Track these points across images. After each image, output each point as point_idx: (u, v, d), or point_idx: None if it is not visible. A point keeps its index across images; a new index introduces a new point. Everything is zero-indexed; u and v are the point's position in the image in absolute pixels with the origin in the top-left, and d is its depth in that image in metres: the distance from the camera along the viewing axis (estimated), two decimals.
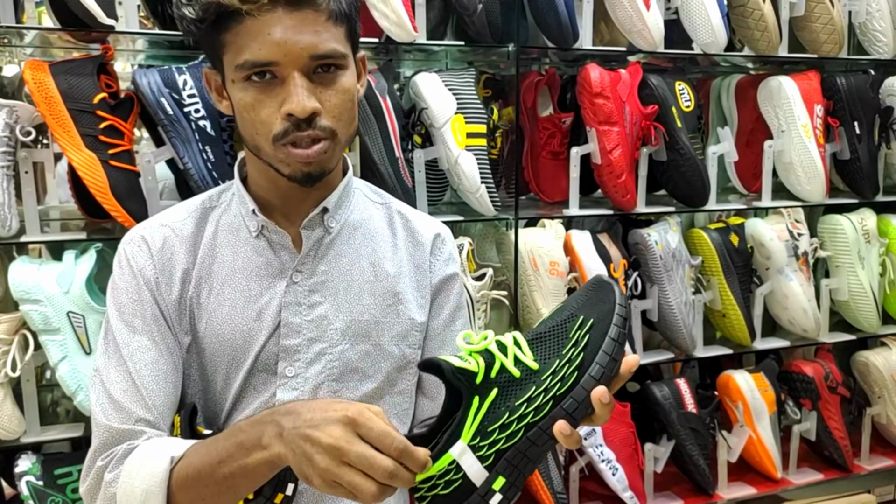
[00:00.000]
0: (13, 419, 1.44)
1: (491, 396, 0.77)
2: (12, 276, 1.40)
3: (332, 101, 0.93)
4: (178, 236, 1.03)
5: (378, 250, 1.06)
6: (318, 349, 1.01)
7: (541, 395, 0.77)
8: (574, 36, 1.76)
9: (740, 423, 1.99)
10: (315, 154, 0.93)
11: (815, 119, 2.00)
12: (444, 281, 1.11)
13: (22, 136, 1.42)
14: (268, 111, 0.91)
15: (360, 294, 1.03)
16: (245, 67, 0.91)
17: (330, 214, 1.03)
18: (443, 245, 1.11)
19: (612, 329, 0.78)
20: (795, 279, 2.00)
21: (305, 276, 1.01)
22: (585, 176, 1.86)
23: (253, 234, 1.02)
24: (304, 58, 0.90)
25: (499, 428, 0.77)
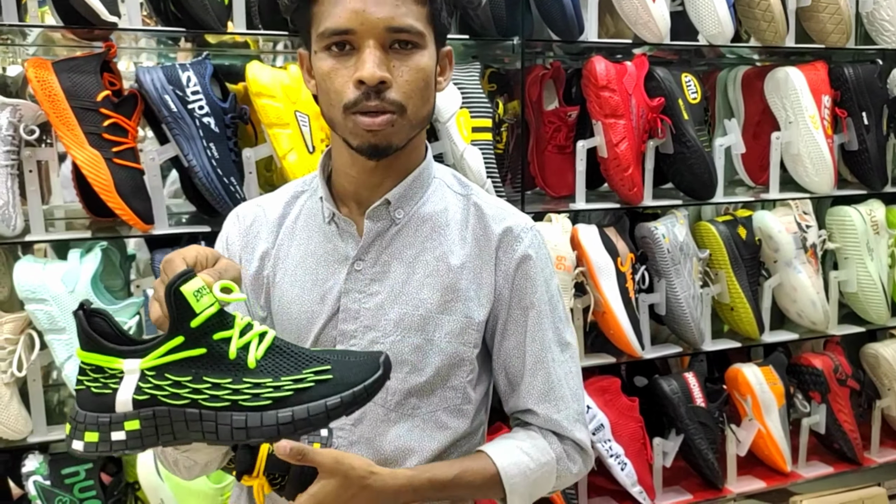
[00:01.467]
0: (20, 419, 1.44)
1: (195, 352, 0.73)
2: (17, 276, 1.40)
3: (403, 77, 0.94)
4: (267, 217, 1.09)
5: (445, 244, 1.05)
6: (371, 337, 1.02)
7: (227, 391, 0.73)
8: (579, 28, 1.74)
9: (749, 416, 1.98)
10: (381, 124, 0.94)
11: (822, 110, 1.98)
12: (512, 278, 1.06)
13: (26, 134, 1.42)
14: (342, 80, 0.94)
15: (420, 288, 1.03)
16: (325, 36, 0.93)
17: (395, 206, 1.04)
18: (515, 241, 1.06)
19: (334, 399, 0.75)
20: (804, 271, 1.99)
21: (367, 264, 1.03)
22: (591, 170, 1.84)
23: (326, 221, 1.06)
24: (380, 28, 0.92)
25: (174, 383, 0.72)
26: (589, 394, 1.85)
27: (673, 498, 1.93)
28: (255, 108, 1.55)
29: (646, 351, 1.87)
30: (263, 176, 1.73)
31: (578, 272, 1.78)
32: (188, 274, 0.73)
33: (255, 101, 1.53)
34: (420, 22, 0.94)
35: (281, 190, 1.14)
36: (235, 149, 1.55)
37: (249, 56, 1.81)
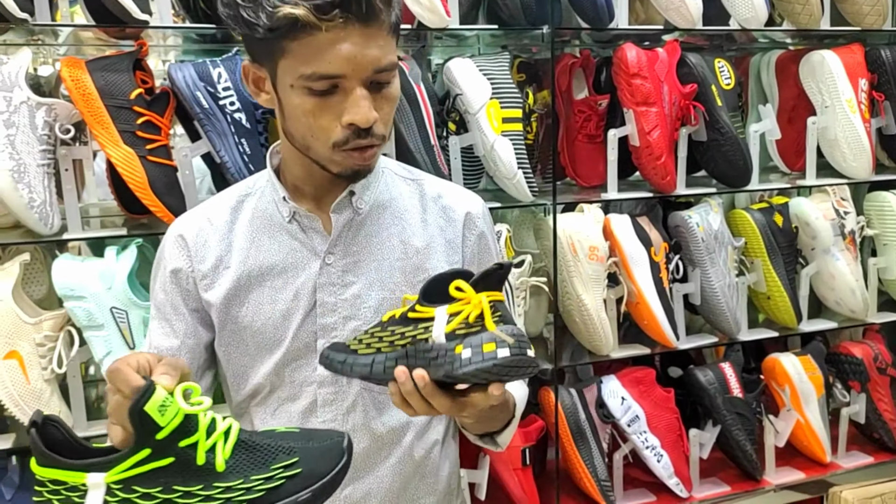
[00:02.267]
0: (60, 415, 1.46)
1: (162, 462, 0.72)
2: (56, 274, 1.41)
3: (384, 110, 0.97)
4: (214, 225, 1.09)
5: (407, 228, 1.09)
6: (353, 326, 1.06)
7: (199, 498, 0.72)
8: (610, 15, 1.72)
9: (787, 406, 1.95)
10: (369, 157, 0.99)
11: (859, 93, 1.94)
12: (477, 254, 1.13)
13: (61, 133, 1.43)
14: (327, 119, 0.95)
15: (392, 272, 1.07)
16: (312, 78, 0.93)
17: (357, 196, 1.07)
18: (476, 219, 1.14)
19: (305, 494, 0.75)
20: (842, 258, 1.95)
21: (338, 257, 1.06)
22: (623, 158, 1.82)
23: (286, 220, 1.07)
24: (369, 71, 0.94)
25: (143, 495, 0.71)
26: (623, 385, 1.84)
27: (710, 489, 1.91)
28: None
29: (680, 341, 1.85)
30: None
31: (611, 262, 1.77)
32: (149, 389, 0.71)
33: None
34: (394, 54, 0.97)
35: (218, 197, 1.13)
36: (267, 144, 1.55)
37: None
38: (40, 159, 1.40)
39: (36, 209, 1.39)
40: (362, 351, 0.89)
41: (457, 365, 0.81)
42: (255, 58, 1.00)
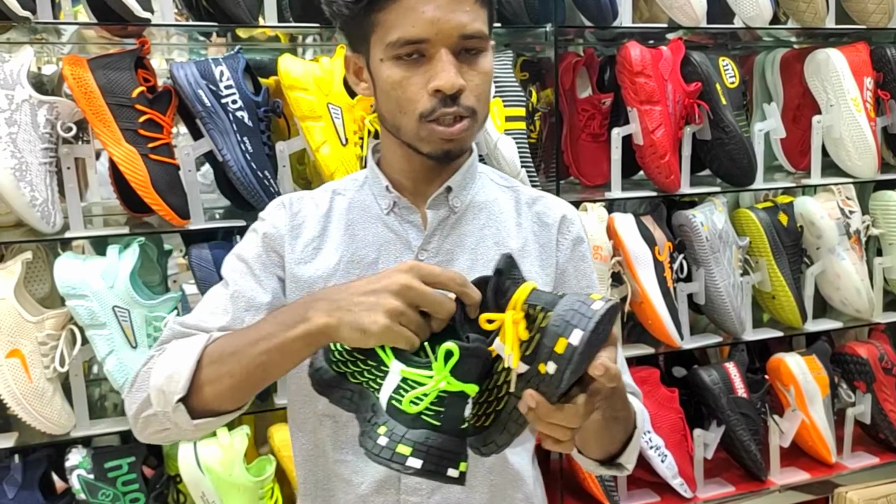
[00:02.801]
0: (63, 414, 1.46)
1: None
2: (58, 272, 1.41)
3: (474, 81, 0.95)
4: (315, 205, 1.08)
5: (502, 230, 1.07)
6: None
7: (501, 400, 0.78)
8: (613, 14, 1.72)
9: (792, 407, 1.94)
10: (457, 132, 0.95)
11: (864, 92, 1.93)
12: (571, 260, 1.10)
13: (63, 132, 1.43)
14: (415, 88, 0.94)
15: (484, 272, 1.01)
16: (397, 45, 0.93)
17: (454, 194, 1.05)
18: (571, 225, 1.11)
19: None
20: (847, 258, 1.94)
21: (431, 254, 1.04)
22: (627, 157, 1.82)
23: (384, 212, 1.05)
24: (454, 36, 0.92)
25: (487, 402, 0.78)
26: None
27: (715, 490, 1.90)
28: (287, 101, 1.54)
29: (685, 341, 1.84)
30: (296, 169, 1.73)
31: (615, 262, 1.76)
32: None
33: (287, 95, 1.53)
34: (485, 25, 0.96)
35: (319, 189, 1.13)
36: (269, 142, 1.55)
37: (281, 50, 1.81)
38: (42, 158, 1.40)
39: (38, 208, 1.39)
40: (487, 423, 0.81)
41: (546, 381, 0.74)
42: (353, 45, 1.01)
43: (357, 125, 1.57)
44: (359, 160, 1.58)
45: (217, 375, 0.90)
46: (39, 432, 1.45)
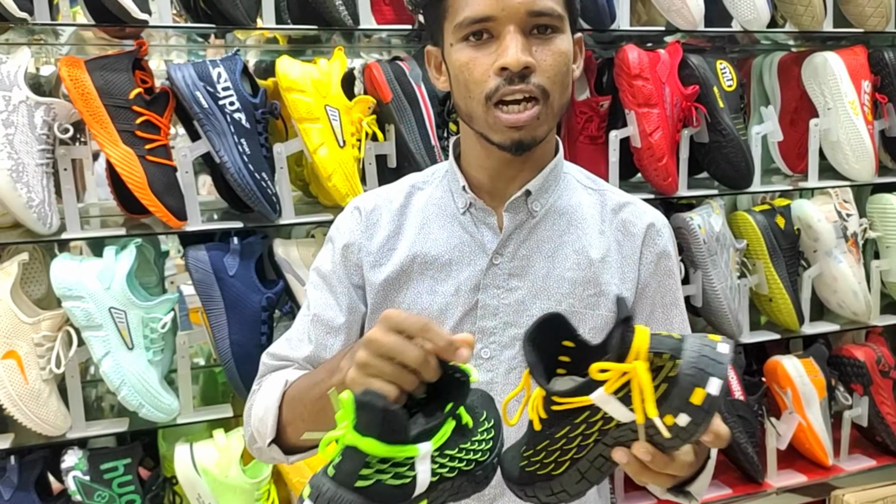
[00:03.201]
0: (59, 415, 1.46)
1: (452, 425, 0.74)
2: (54, 273, 1.41)
3: (547, 61, 0.91)
4: (390, 204, 1.06)
5: (584, 238, 1.02)
6: (512, 334, 1.00)
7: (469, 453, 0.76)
8: (611, 16, 1.72)
9: (789, 409, 1.94)
10: (526, 119, 0.92)
11: (862, 95, 1.93)
12: (655, 274, 1.05)
13: (60, 133, 1.43)
14: (481, 69, 0.91)
15: (561, 282, 1.00)
16: (463, 25, 0.91)
17: (534, 198, 1.01)
18: (657, 236, 1.05)
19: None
20: (844, 261, 1.94)
21: (506, 258, 1.00)
22: (624, 160, 1.82)
23: (460, 211, 1.02)
24: (521, 13, 0.90)
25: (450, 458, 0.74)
26: None
27: (712, 492, 1.90)
28: (285, 102, 1.54)
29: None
30: (294, 171, 1.73)
31: None
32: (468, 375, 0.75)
33: (285, 96, 1.53)
34: (559, 5, 0.92)
35: (398, 182, 1.11)
36: (266, 144, 1.55)
37: (279, 51, 1.81)
38: (39, 159, 1.40)
39: (34, 209, 1.39)
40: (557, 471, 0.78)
41: (681, 435, 0.70)
42: (432, 37, 1.00)
43: (355, 127, 1.57)
44: (357, 162, 1.58)
45: (293, 418, 0.93)
46: (35, 433, 1.45)
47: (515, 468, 0.80)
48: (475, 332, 1.00)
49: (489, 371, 1.00)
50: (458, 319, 1.00)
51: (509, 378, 0.99)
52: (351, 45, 1.73)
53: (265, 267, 1.63)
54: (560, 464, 0.77)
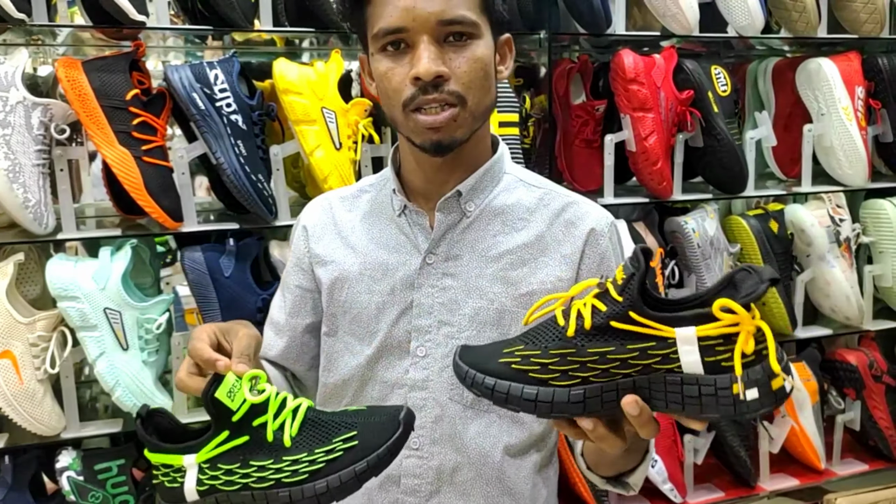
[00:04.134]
0: (53, 415, 1.46)
1: (240, 440, 0.79)
2: (50, 274, 1.41)
3: (462, 68, 0.93)
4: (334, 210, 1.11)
5: (519, 237, 1.03)
6: (446, 332, 1.02)
7: (271, 471, 0.78)
8: (607, 21, 1.73)
9: (782, 413, 1.95)
10: (442, 120, 0.93)
11: (856, 101, 1.94)
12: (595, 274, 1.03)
13: (57, 134, 1.43)
14: (398, 78, 0.94)
15: (493, 281, 1.01)
16: (379, 36, 0.94)
17: (466, 198, 1.03)
18: (600, 237, 1.05)
19: (361, 465, 0.78)
20: (837, 266, 1.95)
21: (440, 258, 1.02)
22: (620, 164, 1.83)
23: (396, 213, 1.06)
24: (433, 23, 0.91)
25: (226, 471, 0.79)
26: None
27: (704, 496, 1.91)
28: (282, 104, 1.55)
29: None
30: (291, 173, 1.74)
31: None
32: (218, 379, 0.80)
33: (281, 98, 1.54)
34: (472, 12, 0.93)
35: (351, 185, 1.16)
36: (263, 146, 1.56)
37: (276, 53, 1.81)
38: (35, 159, 1.40)
39: (31, 209, 1.39)
40: (558, 382, 0.74)
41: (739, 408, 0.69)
42: (362, 45, 1.02)
43: (351, 129, 1.57)
44: (353, 164, 1.58)
45: None
46: (30, 433, 1.45)
47: (493, 362, 0.77)
48: (411, 331, 1.02)
49: (424, 369, 1.02)
50: (395, 318, 1.03)
51: (443, 376, 1.01)
52: (348, 48, 1.74)
53: (261, 268, 1.63)
54: (569, 376, 0.74)
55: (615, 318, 0.72)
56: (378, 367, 1.04)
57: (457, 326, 1.01)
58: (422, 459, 1.02)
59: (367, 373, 1.05)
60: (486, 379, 0.77)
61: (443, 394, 1.02)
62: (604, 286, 0.75)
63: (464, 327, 1.01)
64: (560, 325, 0.75)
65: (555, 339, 0.75)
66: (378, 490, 1.03)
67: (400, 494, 1.02)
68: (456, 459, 1.02)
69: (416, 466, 1.02)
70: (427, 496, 1.02)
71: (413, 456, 1.02)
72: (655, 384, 0.72)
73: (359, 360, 1.05)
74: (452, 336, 1.01)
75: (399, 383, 1.03)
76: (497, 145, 1.08)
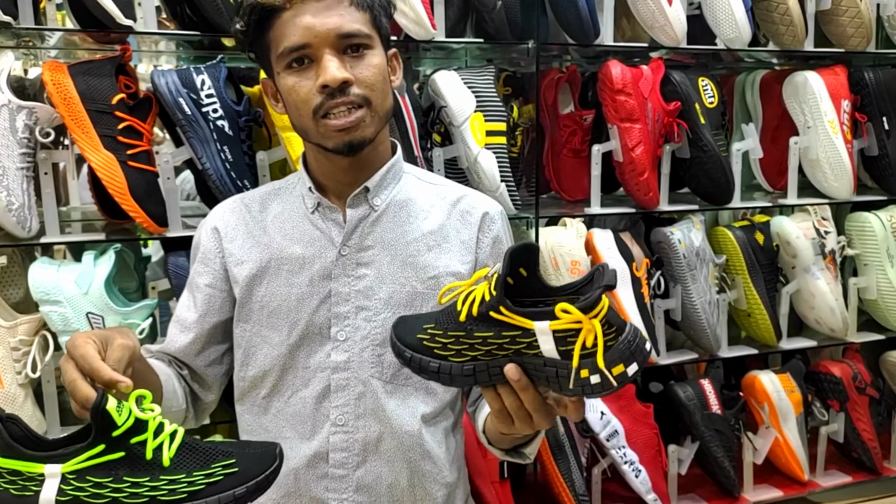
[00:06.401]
0: (34, 420, 1.45)
1: (114, 455, 0.80)
2: (32, 277, 1.41)
3: (363, 73, 1.05)
4: (247, 209, 1.19)
5: (422, 226, 1.15)
6: (363, 316, 1.12)
7: (146, 489, 0.80)
8: (595, 32, 1.73)
9: (766, 424, 1.95)
10: (353, 121, 1.04)
11: (842, 114, 1.96)
12: (490, 257, 1.18)
13: (41, 137, 1.43)
14: (305, 90, 1.04)
15: (403, 267, 1.13)
16: (284, 55, 1.04)
17: (373, 193, 1.13)
18: (492, 223, 1.18)
19: (241, 489, 0.83)
20: (822, 278, 1.96)
21: (353, 249, 1.12)
22: (607, 174, 1.83)
23: (310, 210, 1.15)
24: (332, 37, 1.02)
25: (95, 484, 0.79)
26: (603, 400, 1.84)
27: None
28: (268, 110, 1.55)
29: (661, 357, 1.86)
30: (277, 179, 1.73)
31: None
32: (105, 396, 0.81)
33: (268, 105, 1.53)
34: (365, 26, 1.05)
35: (260, 187, 1.25)
36: (249, 152, 1.56)
37: None
38: (20, 162, 1.40)
39: (14, 212, 1.39)
40: (454, 358, 0.90)
41: (585, 388, 0.84)
42: (265, 70, 1.12)
43: None
44: None
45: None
46: None
47: (413, 336, 0.91)
48: (331, 318, 1.12)
49: (345, 351, 1.12)
50: (315, 307, 1.12)
51: (363, 356, 1.12)
52: None
53: None
54: (462, 354, 0.89)
55: (492, 309, 0.87)
56: (300, 354, 1.13)
57: (373, 310, 1.11)
58: (347, 434, 1.12)
59: (289, 361, 1.13)
60: (404, 351, 0.91)
61: (364, 372, 1.12)
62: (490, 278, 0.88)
63: (380, 310, 1.11)
64: (457, 309, 0.90)
65: (452, 322, 0.90)
66: (306, 468, 1.12)
67: (329, 468, 1.12)
68: (379, 431, 1.13)
69: (342, 441, 1.12)
70: (354, 467, 1.12)
71: (339, 432, 1.11)
72: (528, 364, 0.87)
73: (279, 350, 1.13)
74: (370, 319, 1.11)
75: (321, 367, 1.12)
76: (395, 149, 1.19)
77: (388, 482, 1.14)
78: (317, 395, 1.12)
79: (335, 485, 1.12)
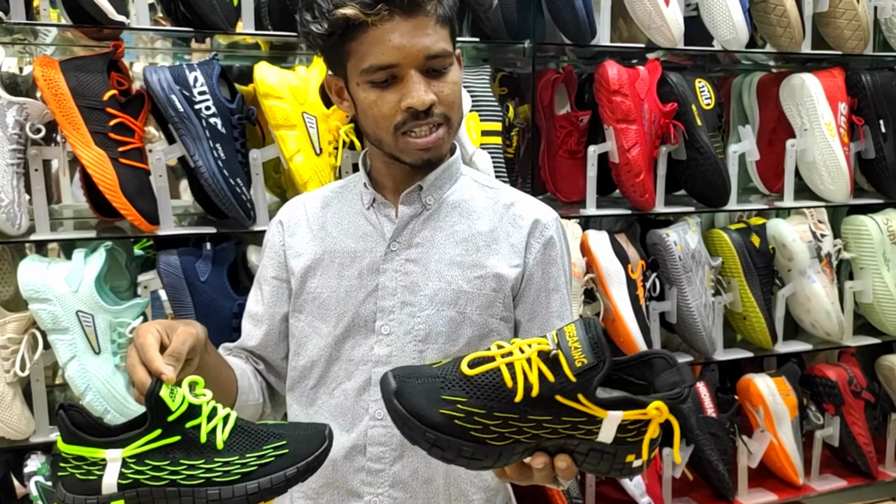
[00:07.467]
0: (22, 419, 1.44)
1: (171, 440, 0.84)
2: (22, 275, 1.39)
3: (444, 92, 1.05)
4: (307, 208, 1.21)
5: (472, 227, 1.15)
6: (408, 311, 1.12)
7: (202, 470, 0.84)
8: (592, 32, 1.73)
9: (761, 427, 1.94)
10: (434, 141, 1.06)
11: (839, 117, 1.95)
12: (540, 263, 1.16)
13: (32, 133, 1.41)
14: (389, 106, 1.04)
15: (450, 266, 1.13)
16: (370, 71, 1.03)
17: (426, 192, 1.14)
18: (544, 229, 1.17)
19: (292, 469, 0.86)
20: (818, 281, 1.96)
21: (402, 245, 1.13)
22: (603, 175, 1.82)
23: (365, 206, 1.16)
24: (420, 58, 1.03)
25: (154, 467, 0.83)
26: None
27: None
28: (262, 109, 1.53)
29: None
30: (271, 177, 1.72)
31: (588, 279, 1.76)
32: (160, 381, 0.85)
33: (262, 102, 1.52)
34: (447, 43, 1.06)
35: (327, 185, 1.27)
36: (243, 150, 1.54)
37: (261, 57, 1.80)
38: (10, 159, 1.38)
39: (3, 209, 1.37)
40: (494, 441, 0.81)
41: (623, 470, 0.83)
42: (332, 69, 1.11)
43: (332, 135, 1.56)
44: (333, 170, 1.57)
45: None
46: None
47: (433, 411, 0.81)
48: (376, 311, 1.12)
49: (388, 346, 1.12)
50: (362, 300, 1.13)
51: (405, 350, 1.12)
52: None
53: (239, 273, 1.62)
54: (504, 437, 0.81)
55: (562, 393, 0.79)
56: (345, 346, 1.13)
57: (418, 306, 1.11)
58: (386, 428, 1.10)
59: (335, 352, 1.14)
60: (427, 432, 0.80)
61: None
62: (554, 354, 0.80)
63: (424, 306, 1.11)
64: (507, 386, 0.80)
65: (501, 401, 0.80)
66: (344, 460, 1.12)
67: (367, 462, 1.11)
68: None
69: (381, 435, 1.11)
70: (391, 462, 1.11)
71: (378, 426, 1.11)
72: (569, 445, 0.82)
73: (326, 340, 1.14)
74: (414, 315, 1.11)
75: (364, 360, 1.12)
76: (454, 149, 1.18)
77: (424, 478, 1.13)
78: (358, 388, 1.13)
79: (371, 479, 1.12)
